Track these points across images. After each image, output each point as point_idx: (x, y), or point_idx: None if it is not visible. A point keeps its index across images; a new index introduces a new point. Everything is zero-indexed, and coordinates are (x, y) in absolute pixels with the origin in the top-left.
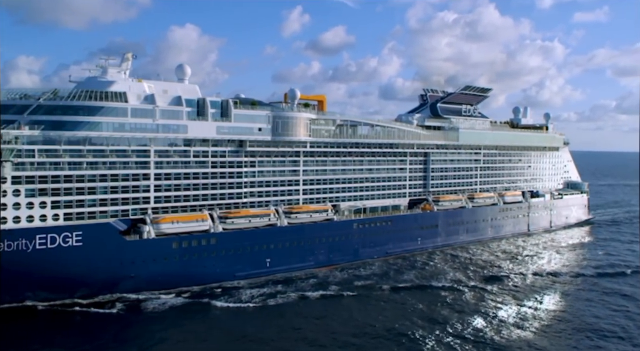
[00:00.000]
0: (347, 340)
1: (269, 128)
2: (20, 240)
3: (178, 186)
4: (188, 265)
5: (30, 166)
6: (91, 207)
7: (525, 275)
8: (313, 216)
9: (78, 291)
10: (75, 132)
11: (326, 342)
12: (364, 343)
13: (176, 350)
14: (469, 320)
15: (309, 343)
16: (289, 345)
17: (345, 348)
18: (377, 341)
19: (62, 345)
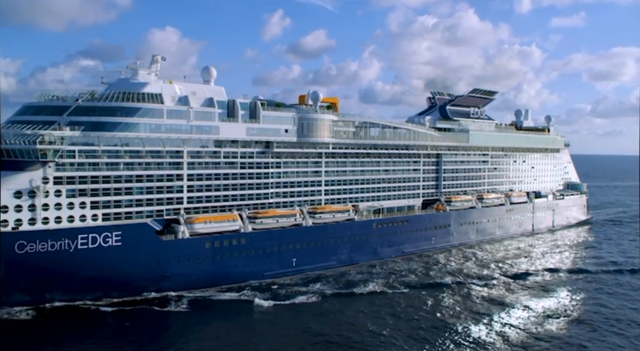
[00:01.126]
0: (411, 332)
1: (295, 130)
2: (63, 240)
3: (209, 187)
4: (220, 265)
5: (71, 167)
6: (128, 207)
7: (545, 272)
8: (336, 216)
9: (116, 290)
10: (114, 133)
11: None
12: (428, 335)
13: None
14: (510, 311)
15: (372, 335)
16: (353, 336)
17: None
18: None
19: (125, 343)
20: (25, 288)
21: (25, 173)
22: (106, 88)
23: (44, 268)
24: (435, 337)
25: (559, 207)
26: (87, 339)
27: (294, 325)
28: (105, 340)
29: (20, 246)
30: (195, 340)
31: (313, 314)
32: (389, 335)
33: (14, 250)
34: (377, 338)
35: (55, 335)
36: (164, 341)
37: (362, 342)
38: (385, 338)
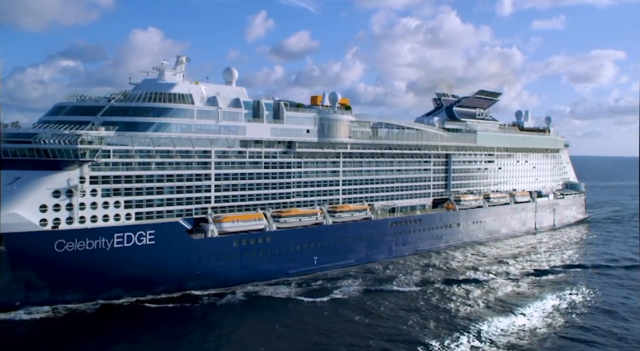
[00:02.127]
0: (449, 324)
1: (316, 130)
2: (100, 239)
3: (235, 186)
4: (247, 263)
5: (105, 167)
6: (159, 206)
7: (563, 268)
8: (354, 215)
9: (148, 289)
10: (148, 133)
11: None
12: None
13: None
14: (540, 304)
15: (417, 327)
16: (403, 328)
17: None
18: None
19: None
20: (65, 286)
21: (63, 173)
22: (134, 89)
23: (82, 266)
24: (474, 328)
25: (560, 206)
26: (131, 337)
27: (342, 318)
28: (150, 337)
29: (60, 245)
30: (250, 336)
31: (356, 309)
32: (433, 327)
33: (54, 249)
34: (423, 330)
35: (97, 333)
36: (219, 336)
37: (408, 334)
38: (429, 329)
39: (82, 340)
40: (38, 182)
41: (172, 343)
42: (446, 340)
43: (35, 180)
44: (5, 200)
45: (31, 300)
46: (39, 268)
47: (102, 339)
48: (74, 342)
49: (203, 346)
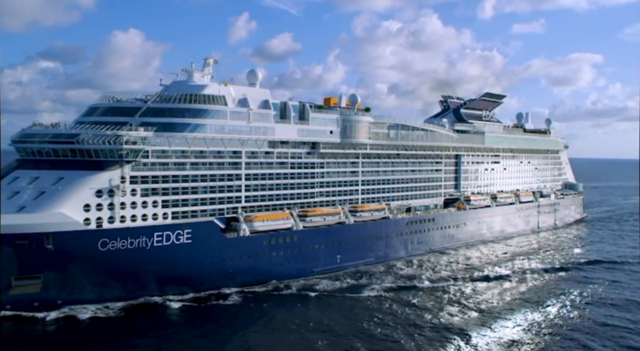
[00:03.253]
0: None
1: (338, 131)
2: (141, 238)
3: (264, 186)
4: (275, 261)
5: (144, 166)
6: (194, 206)
7: (575, 264)
8: (373, 214)
9: (184, 287)
10: (185, 133)
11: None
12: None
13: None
14: (561, 297)
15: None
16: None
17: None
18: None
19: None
20: (107, 285)
21: (105, 172)
22: (163, 89)
23: (123, 265)
24: (513, 319)
25: (560, 205)
26: (168, 335)
27: (389, 311)
28: (190, 335)
29: (103, 244)
30: (304, 331)
31: (399, 303)
32: (475, 316)
33: (97, 248)
34: (466, 321)
35: (138, 330)
36: (275, 332)
37: (453, 324)
38: (472, 319)
39: (121, 338)
40: (81, 181)
41: (211, 341)
42: (490, 328)
43: (79, 179)
44: (51, 199)
45: (72, 299)
46: (82, 267)
47: (141, 337)
48: (110, 339)
49: (250, 342)
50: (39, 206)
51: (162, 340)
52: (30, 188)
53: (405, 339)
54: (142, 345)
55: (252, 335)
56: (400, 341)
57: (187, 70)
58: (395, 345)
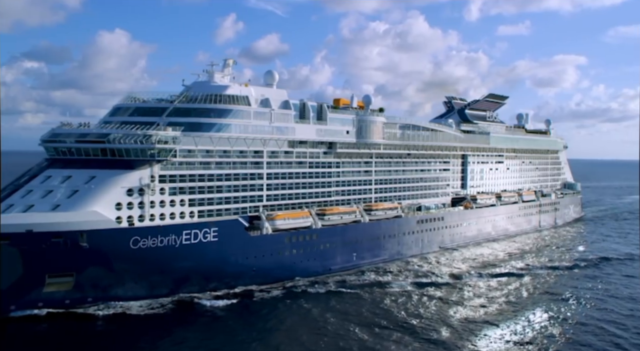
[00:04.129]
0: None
1: (354, 131)
2: (170, 236)
3: (284, 185)
4: (296, 259)
5: (172, 166)
6: (218, 204)
7: (583, 260)
8: (387, 213)
9: (210, 284)
10: (211, 133)
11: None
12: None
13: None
14: (580, 292)
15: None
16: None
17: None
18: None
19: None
20: (136, 282)
21: (136, 171)
22: (184, 90)
23: (153, 263)
24: (537, 310)
25: (560, 204)
26: (206, 331)
27: (420, 304)
28: (217, 332)
29: (135, 242)
30: (346, 324)
31: (427, 297)
32: (503, 308)
33: (129, 246)
34: (498, 311)
35: (168, 327)
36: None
37: (485, 314)
38: (501, 311)
39: (154, 335)
40: (113, 180)
41: (257, 334)
42: (519, 320)
43: (110, 178)
44: (84, 198)
45: (102, 296)
46: (114, 265)
47: (170, 333)
48: (145, 335)
49: (295, 334)
50: (73, 204)
51: (203, 334)
52: (63, 187)
53: (441, 329)
54: (189, 338)
55: (295, 328)
56: (439, 331)
57: (208, 71)
58: (435, 333)
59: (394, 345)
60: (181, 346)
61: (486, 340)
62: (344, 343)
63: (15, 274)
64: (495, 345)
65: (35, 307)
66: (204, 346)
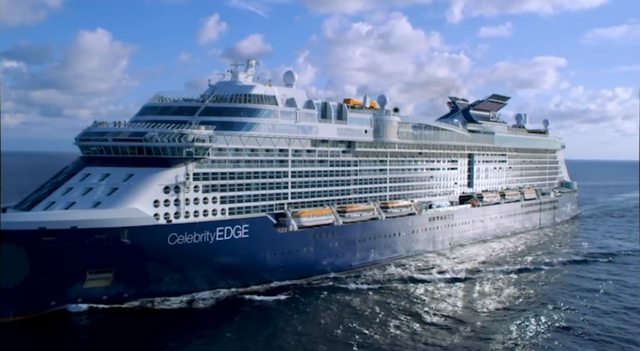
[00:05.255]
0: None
1: (372, 131)
2: (205, 232)
3: (307, 183)
4: (319, 256)
5: (204, 164)
6: (247, 202)
7: (592, 255)
8: (402, 210)
9: (241, 280)
10: (242, 132)
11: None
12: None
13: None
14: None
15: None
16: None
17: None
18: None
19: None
20: (172, 278)
21: (172, 169)
22: (209, 89)
23: (189, 259)
24: (562, 302)
25: (559, 203)
26: (232, 328)
27: (456, 295)
28: (252, 328)
29: (172, 238)
30: (394, 314)
31: (462, 290)
32: (533, 300)
33: (167, 242)
34: (529, 301)
35: (206, 322)
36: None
37: (519, 304)
38: (530, 301)
39: (191, 331)
40: (151, 178)
41: (310, 325)
42: (551, 310)
43: (148, 176)
44: (124, 195)
45: (139, 292)
46: (152, 261)
47: (207, 329)
48: (182, 330)
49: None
50: (113, 202)
51: (247, 327)
52: (102, 185)
53: (484, 318)
54: (224, 334)
55: (345, 319)
56: (484, 318)
57: (232, 71)
58: (487, 322)
59: (441, 333)
60: (222, 339)
61: (524, 329)
62: (395, 331)
63: (65, 270)
64: (532, 332)
65: (75, 302)
66: (249, 340)
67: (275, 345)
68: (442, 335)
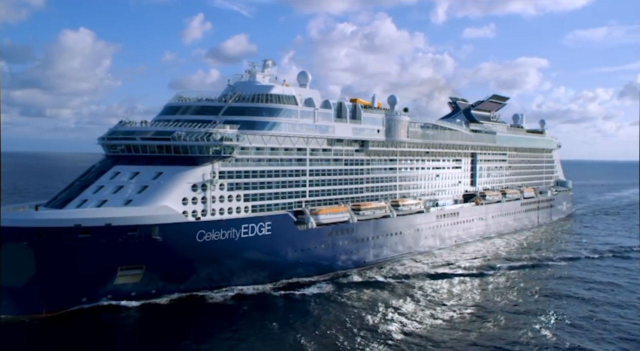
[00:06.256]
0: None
1: (384, 130)
2: (231, 230)
3: (323, 181)
4: (336, 252)
5: (229, 162)
6: (269, 199)
7: (601, 251)
8: (412, 208)
9: (264, 277)
10: (264, 131)
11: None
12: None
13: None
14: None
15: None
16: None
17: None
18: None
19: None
20: (198, 274)
21: (199, 168)
22: (227, 89)
23: (215, 256)
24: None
25: (555, 201)
26: (261, 324)
27: (476, 290)
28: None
29: (200, 235)
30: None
31: (485, 285)
32: (542, 296)
33: (195, 239)
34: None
35: (247, 314)
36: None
37: (529, 301)
38: (541, 297)
39: (216, 326)
40: (179, 176)
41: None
42: (553, 304)
43: (177, 174)
44: (155, 193)
45: (165, 288)
46: (181, 257)
47: (230, 324)
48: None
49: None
50: (144, 199)
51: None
52: (132, 183)
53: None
54: (240, 328)
55: (378, 310)
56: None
57: (250, 71)
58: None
59: (474, 323)
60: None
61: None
62: (432, 321)
63: (97, 266)
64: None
65: (105, 299)
66: (298, 328)
67: (320, 330)
68: (474, 325)
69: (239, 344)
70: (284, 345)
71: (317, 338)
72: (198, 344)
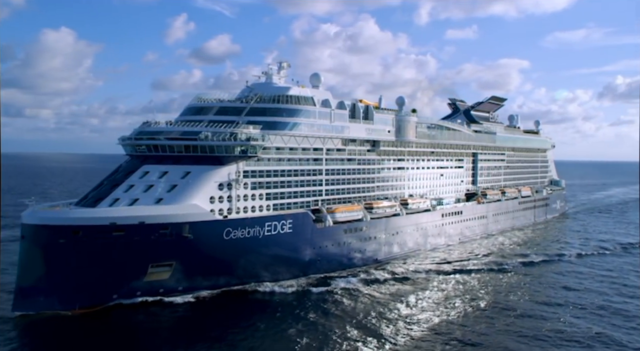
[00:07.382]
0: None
1: (394, 130)
2: (255, 228)
3: (338, 180)
4: (350, 250)
5: (253, 161)
6: (289, 198)
7: (607, 247)
8: (419, 207)
9: (285, 273)
10: (285, 131)
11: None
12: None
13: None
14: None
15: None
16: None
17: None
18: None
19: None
20: (224, 271)
21: (225, 167)
22: (245, 90)
23: (241, 253)
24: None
25: (550, 200)
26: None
27: (493, 284)
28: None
29: (227, 233)
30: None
31: (498, 280)
32: (548, 292)
33: (223, 237)
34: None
35: (282, 308)
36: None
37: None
38: (549, 292)
39: (247, 321)
40: (206, 175)
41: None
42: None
43: (204, 174)
44: (184, 192)
45: (192, 285)
46: (209, 254)
47: (261, 319)
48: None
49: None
50: (174, 198)
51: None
52: (162, 182)
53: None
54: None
55: (402, 304)
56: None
57: (267, 73)
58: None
59: (496, 316)
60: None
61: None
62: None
63: (130, 264)
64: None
65: (135, 296)
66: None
67: (357, 320)
68: (500, 316)
69: (279, 334)
70: (327, 336)
71: (356, 326)
72: (234, 336)
